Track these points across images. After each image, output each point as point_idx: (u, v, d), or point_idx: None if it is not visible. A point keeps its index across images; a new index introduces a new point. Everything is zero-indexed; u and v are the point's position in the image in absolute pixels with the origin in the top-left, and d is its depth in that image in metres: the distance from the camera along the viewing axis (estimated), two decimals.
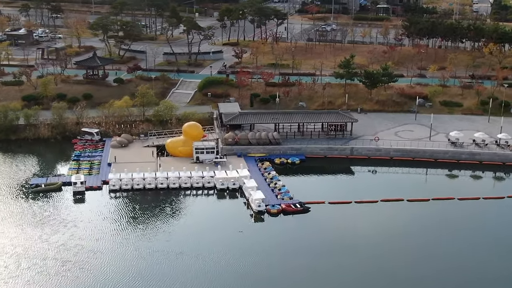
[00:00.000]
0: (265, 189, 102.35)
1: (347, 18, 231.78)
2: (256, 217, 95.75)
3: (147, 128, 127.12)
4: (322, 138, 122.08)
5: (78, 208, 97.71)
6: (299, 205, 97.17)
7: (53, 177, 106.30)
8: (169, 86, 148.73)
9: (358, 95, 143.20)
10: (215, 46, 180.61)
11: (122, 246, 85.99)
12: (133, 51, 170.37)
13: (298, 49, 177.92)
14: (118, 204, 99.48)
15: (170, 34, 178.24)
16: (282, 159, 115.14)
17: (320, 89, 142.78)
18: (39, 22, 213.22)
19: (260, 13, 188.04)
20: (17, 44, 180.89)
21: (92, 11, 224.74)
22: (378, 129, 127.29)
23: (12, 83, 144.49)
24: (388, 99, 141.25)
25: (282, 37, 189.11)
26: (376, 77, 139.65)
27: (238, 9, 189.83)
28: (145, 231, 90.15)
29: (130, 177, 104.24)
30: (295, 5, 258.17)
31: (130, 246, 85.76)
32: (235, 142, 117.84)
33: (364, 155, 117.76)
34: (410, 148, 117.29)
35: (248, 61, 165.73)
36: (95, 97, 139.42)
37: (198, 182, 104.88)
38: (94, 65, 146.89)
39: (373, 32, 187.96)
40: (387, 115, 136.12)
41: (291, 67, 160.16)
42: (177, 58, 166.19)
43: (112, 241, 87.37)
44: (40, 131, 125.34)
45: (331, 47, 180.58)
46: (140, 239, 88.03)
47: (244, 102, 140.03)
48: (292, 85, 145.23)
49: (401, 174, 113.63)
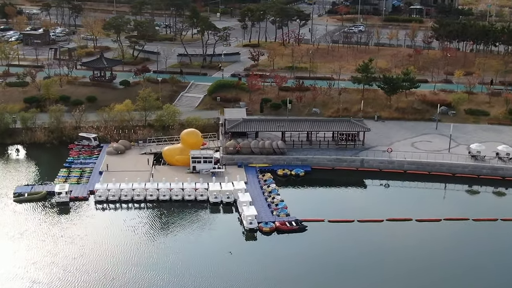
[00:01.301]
0: (261, 204, 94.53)
1: (377, 19, 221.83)
2: (247, 235, 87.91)
3: (149, 134, 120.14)
4: (331, 148, 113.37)
5: (59, 221, 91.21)
6: (295, 223, 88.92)
7: (38, 186, 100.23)
8: (178, 89, 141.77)
9: (376, 101, 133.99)
10: (229, 47, 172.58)
11: (100, 266, 78.82)
12: (147, 52, 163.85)
13: (319, 52, 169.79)
14: (103, 218, 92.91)
15: (184, 35, 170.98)
16: (286, 171, 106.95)
17: (336, 94, 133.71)
18: (59, 22, 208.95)
19: (282, 14, 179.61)
20: (32, 43, 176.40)
21: (114, 10, 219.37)
22: (394, 139, 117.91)
23: (17, 84, 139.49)
24: (409, 106, 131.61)
25: (304, 39, 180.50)
26: (396, 82, 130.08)
27: (259, 9, 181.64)
28: (126, 250, 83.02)
29: (118, 188, 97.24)
30: (325, 6, 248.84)
31: (108, 266, 78.53)
32: (237, 151, 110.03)
33: (376, 167, 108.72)
34: (426, 161, 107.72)
35: (265, 64, 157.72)
36: (99, 100, 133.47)
37: (190, 195, 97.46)
38: (101, 67, 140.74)
39: (401, 34, 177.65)
40: (406, 123, 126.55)
41: (308, 70, 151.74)
42: (191, 60, 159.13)
43: (90, 260, 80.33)
44: (37, 135, 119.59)
45: (355, 50, 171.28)
46: (119, 258, 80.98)
47: (254, 108, 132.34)
48: (307, 90, 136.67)
49: (414, 189, 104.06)
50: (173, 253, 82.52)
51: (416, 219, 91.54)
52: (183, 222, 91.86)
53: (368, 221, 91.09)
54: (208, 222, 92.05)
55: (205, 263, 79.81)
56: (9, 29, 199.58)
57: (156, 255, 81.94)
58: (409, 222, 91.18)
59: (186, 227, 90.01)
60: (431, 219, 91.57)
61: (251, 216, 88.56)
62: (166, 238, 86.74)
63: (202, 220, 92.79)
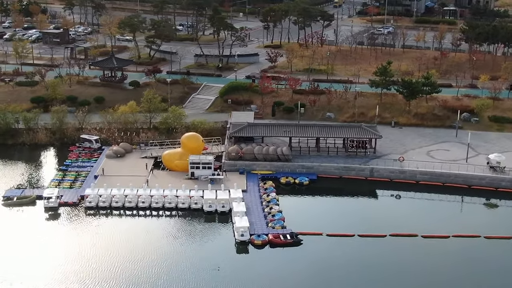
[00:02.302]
0: (257, 215, 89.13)
1: (408, 20, 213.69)
2: (239, 248, 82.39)
3: (153, 137, 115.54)
4: (340, 156, 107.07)
5: (45, 229, 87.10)
6: (289, 236, 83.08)
7: (29, 190, 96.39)
8: (190, 90, 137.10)
9: (395, 106, 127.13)
10: (248, 48, 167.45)
11: (70, 279, 74.45)
12: (163, 52, 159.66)
13: (342, 53, 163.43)
14: (89, 225, 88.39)
15: (200, 35, 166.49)
16: (289, 179, 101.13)
17: (353, 98, 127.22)
18: (83, 20, 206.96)
19: (304, 14, 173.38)
20: (52, 42, 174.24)
21: (138, 9, 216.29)
22: (409, 147, 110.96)
23: (26, 83, 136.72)
24: (429, 112, 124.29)
25: (328, 40, 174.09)
26: (415, 86, 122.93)
27: (282, 9, 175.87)
28: (104, 262, 78.14)
29: (109, 194, 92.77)
30: (356, 6, 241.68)
31: (78, 280, 74.05)
32: (239, 157, 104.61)
33: (386, 177, 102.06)
34: (440, 171, 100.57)
35: (284, 66, 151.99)
36: (107, 100, 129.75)
37: (184, 203, 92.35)
38: (110, 67, 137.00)
39: (429, 36, 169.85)
40: (424, 130, 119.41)
41: (326, 72, 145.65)
42: (207, 60, 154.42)
43: (62, 271, 75.95)
44: (38, 136, 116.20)
45: (379, 52, 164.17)
46: (94, 271, 76.28)
47: (266, 111, 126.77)
48: (322, 93, 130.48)
49: (425, 202, 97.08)
50: (157, 266, 77.60)
51: (422, 235, 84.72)
52: (173, 232, 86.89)
53: (370, 236, 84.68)
54: (200, 233, 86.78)
55: (190, 279, 74.83)
56: (32, 27, 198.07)
57: (139, 268, 77.04)
58: (414, 238, 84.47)
59: (175, 238, 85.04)
60: (438, 236, 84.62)
61: (243, 227, 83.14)
62: (152, 249, 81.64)
63: (194, 230, 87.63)
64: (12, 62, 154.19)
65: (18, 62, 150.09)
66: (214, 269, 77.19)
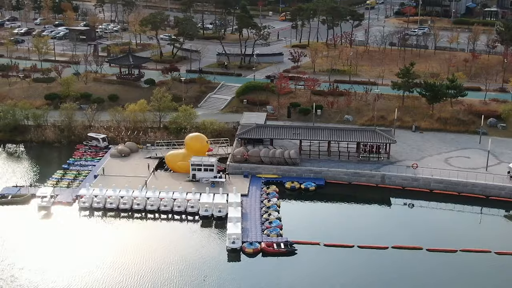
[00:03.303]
0: (253, 221, 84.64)
1: (447, 22, 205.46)
2: (230, 256, 77.95)
3: (162, 136, 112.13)
4: (352, 161, 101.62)
5: (35, 229, 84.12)
6: (284, 245, 78.17)
7: (25, 188, 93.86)
8: (207, 90, 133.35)
9: (418, 110, 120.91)
10: (273, 47, 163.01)
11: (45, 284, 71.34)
12: (186, 51, 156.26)
13: (370, 54, 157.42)
14: (78, 227, 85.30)
15: (223, 32, 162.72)
16: (294, 183, 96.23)
17: (373, 101, 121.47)
18: (113, 18, 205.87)
19: (333, 13, 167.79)
20: (78, 39, 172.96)
21: (168, 7, 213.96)
22: (427, 153, 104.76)
23: (42, 80, 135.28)
24: (452, 116, 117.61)
25: (359, 40, 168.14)
26: (438, 89, 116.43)
27: (310, 8, 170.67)
28: (86, 269, 74.37)
29: (103, 195, 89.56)
30: (394, 7, 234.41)
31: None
32: (244, 159, 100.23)
33: (398, 184, 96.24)
34: (456, 179, 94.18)
35: (308, 66, 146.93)
36: (121, 98, 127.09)
37: (180, 206, 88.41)
38: (126, 64, 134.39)
39: (463, 37, 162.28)
40: (446, 136, 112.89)
41: (352, 73, 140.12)
42: (230, 59, 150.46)
43: (40, 277, 72.93)
44: (46, 134, 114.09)
45: (408, 53, 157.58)
46: (74, 278, 72.83)
47: (282, 112, 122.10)
48: (342, 95, 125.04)
49: (436, 212, 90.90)
50: (140, 273, 73.85)
51: (427, 248, 78.73)
52: (164, 236, 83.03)
53: (370, 247, 79.18)
54: (193, 239, 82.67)
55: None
56: (61, 24, 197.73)
57: (122, 276, 73.14)
58: (419, 251, 78.65)
59: (165, 243, 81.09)
60: (445, 250, 78.58)
61: (235, 234, 78.69)
62: (140, 255, 77.72)
63: (186, 235, 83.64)
64: (34, 59, 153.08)
65: (40, 59, 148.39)
66: (200, 278, 72.87)
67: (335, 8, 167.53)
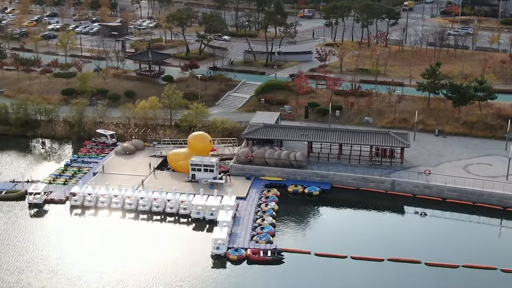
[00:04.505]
0: (245, 226, 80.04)
1: (495, 21, 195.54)
2: (214, 263, 73.68)
3: (171, 134, 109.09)
4: (362, 165, 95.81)
5: (21, 226, 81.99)
6: (271, 252, 73.32)
7: (21, 184, 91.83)
8: (226, 88, 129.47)
9: (443, 112, 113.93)
10: (303, 46, 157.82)
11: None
12: (213, 48, 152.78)
13: (405, 54, 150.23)
14: (65, 226, 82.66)
15: (248, 30, 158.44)
16: (297, 187, 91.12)
17: (396, 102, 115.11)
18: (151, 15, 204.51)
19: (367, 11, 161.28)
20: (110, 35, 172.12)
21: (205, 4, 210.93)
22: (445, 158, 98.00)
23: (63, 75, 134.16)
24: (480, 120, 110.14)
25: (394, 40, 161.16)
26: (465, 91, 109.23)
27: (344, 6, 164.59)
28: (64, 272, 71.44)
29: (95, 193, 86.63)
30: (440, 6, 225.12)
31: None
32: (249, 160, 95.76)
33: (409, 192, 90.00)
34: (472, 188, 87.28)
35: (336, 65, 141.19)
36: (138, 95, 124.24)
37: (172, 207, 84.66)
38: (144, 60, 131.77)
39: (506, 38, 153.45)
40: (471, 141, 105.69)
41: (381, 74, 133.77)
42: (256, 57, 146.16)
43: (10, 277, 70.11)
44: (55, 129, 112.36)
45: (444, 53, 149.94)
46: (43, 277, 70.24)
47: (300, 112, 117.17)
48: (366, 95, 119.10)
49: (447, 222, 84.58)
50: (116, 279, 70.07)
51: (426, 262, 72.53)
52: (151, 239, 79.37)
53: (365, 258, 73.53)
54: (180, 243, 78.77)
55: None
56: (98, 20, 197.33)
57: (97, 284, 69.52)
58: (417, 265, 72.52)
59: (151, 247, 77.41)
60: (445, 264, 72.19)
61: (221, 239, 74.30)
62: (121, 259, 74.33)
63: (174, 239, 79.83)
64: (62, 54, 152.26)
65: (65, 54, 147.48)
66: (178, 285, 68.90)
67: (369, 5, 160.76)
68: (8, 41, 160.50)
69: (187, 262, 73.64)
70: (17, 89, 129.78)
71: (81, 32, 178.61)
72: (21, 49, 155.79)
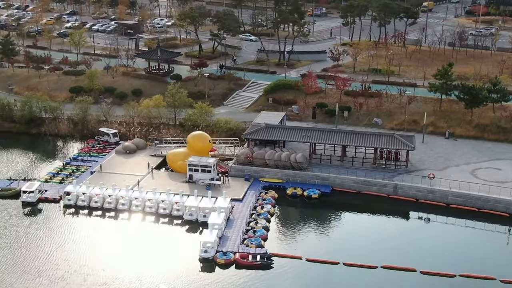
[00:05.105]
0: (237, 229, 77.76)
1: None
2: (203, 267, 71.56)
3: (174, 133, 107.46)
4: (366, 168, 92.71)
5: (15, 226, 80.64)
6: (260, 257, 70.88)
7: (17, 182, 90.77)
8: (235, 87, 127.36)
9: (455, 115, 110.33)
10: (317, 45, 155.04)
11: None
12: (227, 46, 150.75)
13: (422, 54, 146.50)
14: (56, 226, 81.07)
15: (260, 29, 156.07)
16: (296, 190, 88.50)
17: (407, 103, 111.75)
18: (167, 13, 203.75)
19: (385, 10, 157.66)
20: (125, 33, 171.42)
21: (224, 2, 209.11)
22: (453, 162, 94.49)
23: (72, 72, 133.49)
24: (493, 123, 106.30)
25: (414, 40, 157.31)
26: (477, 93, 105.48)
27: (361, 4, 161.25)
28: (47, 275, 69.69)
29: (89, 193, 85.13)
30: (464, 6, 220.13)
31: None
32: (248, 161, 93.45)
33: (412, 196, 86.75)
34: (477, 194, 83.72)
35: (350, 65, 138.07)
36: (145, 93, 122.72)
37: (166, 209, 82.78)
38: (153, 58, 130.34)
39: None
40: (483, 144, 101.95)
41: (395, 74, 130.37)
42: (268, 56, 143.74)
43: None
44: (59, 127, 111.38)
45: (463, 54, 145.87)
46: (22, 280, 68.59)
47: (308, 112, 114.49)
48: (376, 96, 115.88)
49: (451, 228, 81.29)
50: (104, 284, 68.36)
51: (421, 271, 69.34)
52: (141, 241, 77.37)
53: (357, 265, 70.64)
54: (171, 244, 76.63)
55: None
56: (115, 19, 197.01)
57: (79, 286, 67.83)
58: (411, 273, 69.34)
59: (140, 249, 75.42)
60: (441, 273, 68.91)
61: (209, 242, 72.11)
62: (108, 261, 72.43)
63: (165, 240, 77.64)
64: (75, 52, 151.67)
65: (77, 51, 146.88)
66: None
67: (387, 4, 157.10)
68: (23, 39, 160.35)
69: (175, 265, 71.66)
70: (26, 86, 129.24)
71: (97, 30, 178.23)
72: (35, 47, 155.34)
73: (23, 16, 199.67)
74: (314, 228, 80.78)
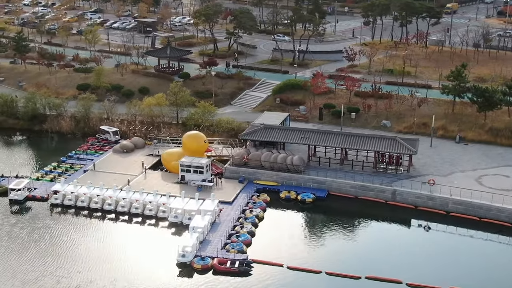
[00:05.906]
0: (221, 233, 74.69)
1: None
2: (181, 272, 68.78)
3: (175, 133, 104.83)
4: (366, 172, 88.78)
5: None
6: (239, 263, 67.76)
7: (7, 179, 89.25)
8: (244, 86, 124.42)
9: (467, 118, 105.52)
10: (332, 45, 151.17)
11: None
12: (243, 45, 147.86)
13: (443, 55, 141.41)
14: (39, 225, 79.14)
15: (275, 28, 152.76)
16: (290, 193, 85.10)
17: (417, 105, 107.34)
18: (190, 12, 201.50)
19: (407, 9, 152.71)
20: (144, 31, 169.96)
21: (247, 1, 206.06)
22: (459, 167, 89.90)
23: (82, 69, 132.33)
24: (507, 127, 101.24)
25: (437, 40, 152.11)
26: (490, 95, 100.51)
27: (382, 4, 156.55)
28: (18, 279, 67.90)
29: (76, 192, 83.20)
30: (497, 6, 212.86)
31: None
32: (244, 163, 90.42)
33: (410, 202, 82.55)
34: (479, 202, 79.10)
35: (366, 65, 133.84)
36: (152, 92, 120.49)
37: (151, 210, 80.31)
38: (162, 56, 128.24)
39: None
40: (494, 149, 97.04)
41: (412, 75, 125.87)
42: (283, 55, 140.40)
43: None
44: (61, 124, 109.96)
45: (486, 55, 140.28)
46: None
47: (315, 113, 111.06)
48: (387, 97, 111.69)
49: (449, 237, 76.95)
50: (77, 287, 66.11)
51: (407, 283, 65.30)
52: (121, 243, 75.22)
53: (340, 275, 66.95)
54: (152, 248, 74.01)
55: None
56: (136, 17, 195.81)
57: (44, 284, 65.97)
58: (397, 285, 65.38)
59: (119, 251, 73.22)
60: (429, 287, 64.59)
61: (187, 246, 69.28)
62: (84, 263, 70.30)
63: (148, 243, 75.09)
64: (91, 49, 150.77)
65: (90, 49, 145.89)
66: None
67: (409, 4, 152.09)
68: (41, 35, 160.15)
69: (152, 269, 69.16)
70: (36, 83, 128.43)
71: (117, 27, 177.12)
72: (49, 44, 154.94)
73: (47, 14, 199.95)
74: (303, 235, 77.40)
